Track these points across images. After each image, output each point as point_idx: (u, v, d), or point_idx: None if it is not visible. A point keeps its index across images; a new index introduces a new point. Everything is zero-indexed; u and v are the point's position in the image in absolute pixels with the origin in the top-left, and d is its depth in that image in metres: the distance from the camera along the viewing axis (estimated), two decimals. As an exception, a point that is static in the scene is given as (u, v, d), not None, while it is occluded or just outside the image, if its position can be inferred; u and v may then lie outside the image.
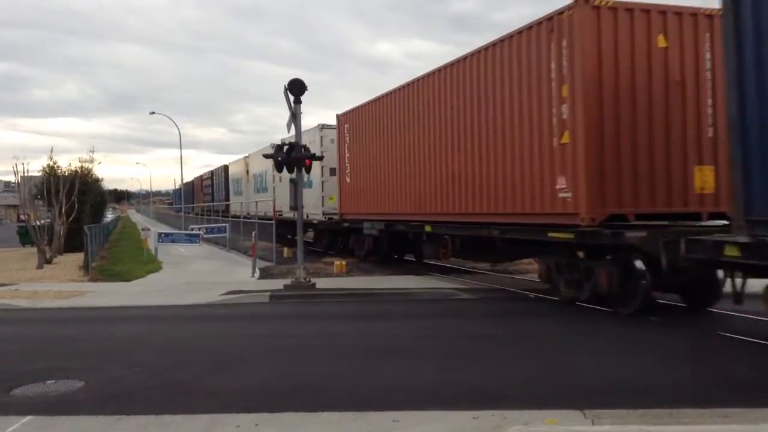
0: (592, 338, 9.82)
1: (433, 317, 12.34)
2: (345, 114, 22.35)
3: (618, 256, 11.34)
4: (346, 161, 22.17)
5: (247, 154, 37.94)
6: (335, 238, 25.28)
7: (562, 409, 6.11)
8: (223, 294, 15.45)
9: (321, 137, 23.96)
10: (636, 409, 6.03)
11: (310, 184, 24.33)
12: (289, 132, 16.93)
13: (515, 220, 13.24)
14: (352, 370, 8.03)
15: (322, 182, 24.15)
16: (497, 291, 15.30)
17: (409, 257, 22.09)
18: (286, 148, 16.23)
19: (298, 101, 16.09)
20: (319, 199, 24.28)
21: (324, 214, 24.02)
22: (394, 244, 20.84)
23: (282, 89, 16.03)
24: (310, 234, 30.31)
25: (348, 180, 22.04)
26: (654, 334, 9.85)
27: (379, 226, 19.97)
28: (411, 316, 12.53)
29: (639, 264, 10.90)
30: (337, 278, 18.30)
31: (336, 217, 23.37)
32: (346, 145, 22.15)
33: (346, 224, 22.74)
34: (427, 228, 17.01)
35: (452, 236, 16.20)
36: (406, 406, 6.35)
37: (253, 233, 22.07)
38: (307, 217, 24.27)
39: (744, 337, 9.32)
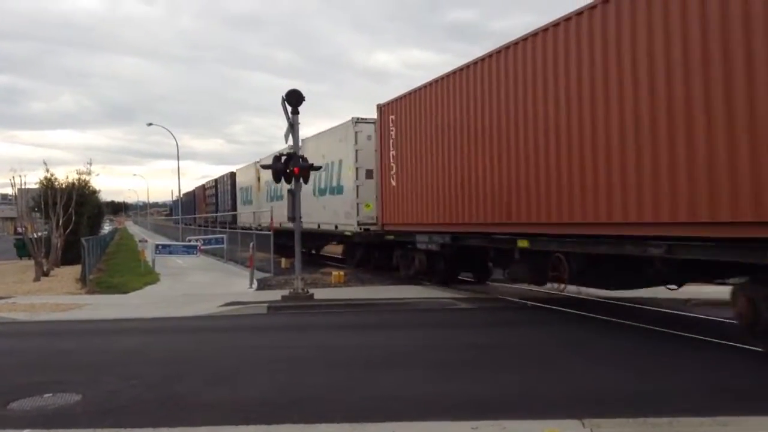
0: (590, 347, 9.81)
1: (431, 327, 12.32)
2: (390, 103, 18.43)
3: None
4: (391, 160, 18.32)
5: (258, 160, 33.62)
6: (370, 252, 21.76)
7: (561, 419, 6.10)
8: (221, 306, 15.41)
9: (356, 133, 20.51)
10: (635, 418, 6.03)
11: (340, 190, 21.98)
12: (287, 142, 16.97)
13: (696, 233, 9.10)
14: (350, 381, 8.01)
15: (357, 187, 20.56)
16: (495, 300, 15.28)
17: (465, 276, 18.58)
18: (284, 158, 16.24)
19: (295, 112, 16.13)
20: (353, 206, 20.67)
21: (359, 224, 20.50)
22: (458, 262, 17.23)
23: (280, 100, 16.09)
24: (325, 248, 28.62)
25: (393, 183, 18.25)
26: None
27: (442, 239, 16.23)
28: (409, 326, 12.51)
29: None
30: (335, 288, 18.27)
31: (375, 228, 19.84)
32: (392, 140, 18.28)
33: (390, 237, 19.01)
34: (522, 243, 12.95)
35: (568, 254, 11.97)
36: (405, 417, 6.32)
37: (251, 244, 22.03)
38: (336, 228, 22.31)
39: None
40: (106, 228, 67.17)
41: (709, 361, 8.68)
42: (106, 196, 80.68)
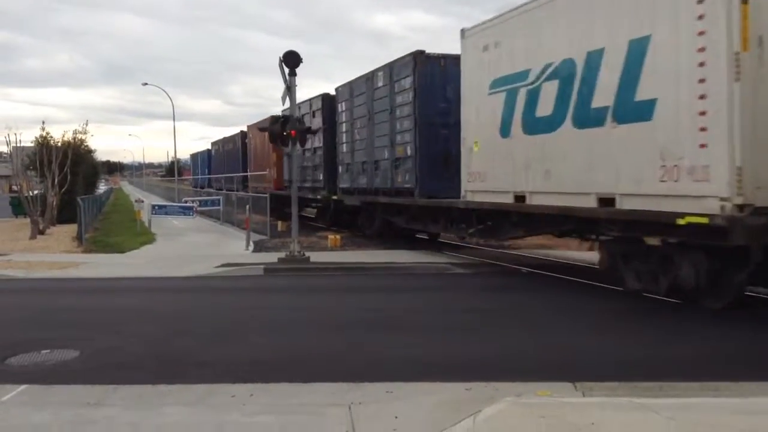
0: (584, 313, 9.90)
1: (426, 291, 12.40)
2: None
3: None
4: None
5: None
6: None
7: (553, 381, 6.18)
8: (218, 266, 15.46)
9: None
10: (626, 382, 6.11)
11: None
12: (284, 104, 16.83)
13: None
14: (346, 342, 8.08)
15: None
16: (490, 266, 15.35)
17: None
18: (281, 120, 16.12)
19: (293, 73, 15.97)
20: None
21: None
22: None
23: (278, 61, 15.92)
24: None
25: None
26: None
27: None
28: (405, 290, 12.59)
29: None
30: (331, 252, 18.31)
31: None
32: None
33: None
34: None
35: None
36: (400, 377, 6.40)
37: (247, 206, 22.02)
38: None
39: None
40: (102, 188, 66.87)
41: (701, 327, 8.77)
42: (101, 156, 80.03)
